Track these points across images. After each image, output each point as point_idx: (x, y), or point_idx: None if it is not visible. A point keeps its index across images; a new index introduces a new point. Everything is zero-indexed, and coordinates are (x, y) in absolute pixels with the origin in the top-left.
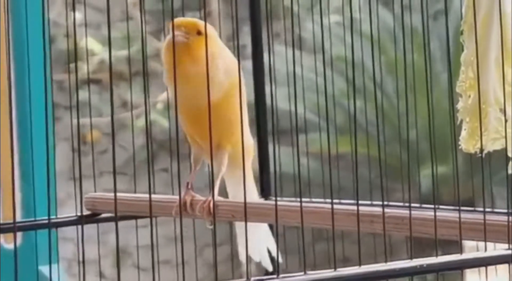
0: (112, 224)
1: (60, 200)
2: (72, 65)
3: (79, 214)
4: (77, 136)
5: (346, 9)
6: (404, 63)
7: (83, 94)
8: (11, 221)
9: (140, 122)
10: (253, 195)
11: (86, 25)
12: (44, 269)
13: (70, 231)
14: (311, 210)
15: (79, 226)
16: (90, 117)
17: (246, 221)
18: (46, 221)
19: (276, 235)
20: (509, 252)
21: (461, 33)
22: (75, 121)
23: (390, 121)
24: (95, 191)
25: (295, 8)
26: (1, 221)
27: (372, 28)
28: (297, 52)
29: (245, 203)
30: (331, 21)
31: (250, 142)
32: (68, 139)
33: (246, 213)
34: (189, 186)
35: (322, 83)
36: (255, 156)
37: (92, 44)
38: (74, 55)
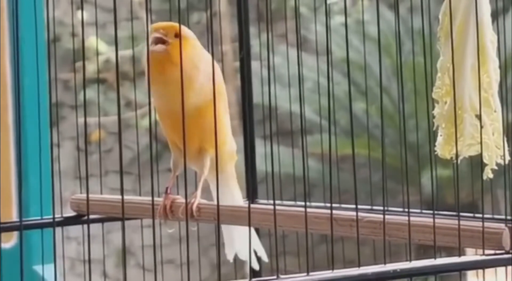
0: (115, 223)
1: (65, 199)
2: (77, 64)
3: (65, 215)
4: (83, 135)
5: (351, 11)
6: (400, 65)
7: (88, 93)
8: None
9: (145, 122)
10: (238, 198)
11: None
12: (39, 268)
13: (73, 231)
14: (292, 214)
15: (84, 227)
16: (99, 116)
17: (219, 225)
18: (18, 223)
19: (249, 236)
20: (483, 257)
21: (438, 40)
22: (80, 120)
23: (395, 123)
24: (100, 191)
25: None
26: None
27: (378, 31)
28: (301, 53)
29: (217, 206)
30: (337, 22)
31: (233, 146)
32: (73, 138)
33: (219, 215)
34: (169, 191)
35: (326, 85)
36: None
37: (98, 43)
38: (79, 54)
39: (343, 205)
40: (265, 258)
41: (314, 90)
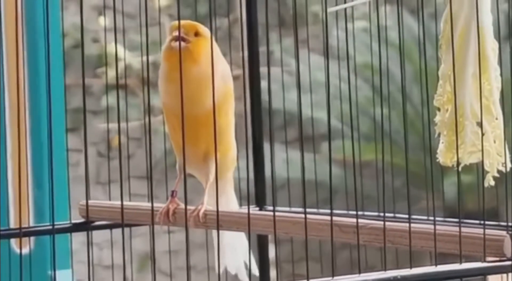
0: (137, 228)
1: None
2: (99, 70)
3: (74, 221)
4: (104, 141)
5: (373, 16)
6: (403, 71)
7: (110, 99)
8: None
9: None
10: (234, 205)
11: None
12: (56, 274)
13: (94, 236)
14: (296, 221)
15: (101, 232)
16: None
17: (218, 231)
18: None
19: (249, 244)
20: (484, 264)
21: (440, 47)
22: (101, 126)
23: (416, 129)
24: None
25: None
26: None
27: (398, 36)
28: (322, 59)
29: (217, 212)
30: (357, 27)
31: (236, 152)
32: (95, 143)
33: (218, 222)
34: (174, 194)
35: (347, 90)
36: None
37: (119, 49)
38: (101, 60)
39: (350, 212)
40: (256, 272)
41: (336, 96)
